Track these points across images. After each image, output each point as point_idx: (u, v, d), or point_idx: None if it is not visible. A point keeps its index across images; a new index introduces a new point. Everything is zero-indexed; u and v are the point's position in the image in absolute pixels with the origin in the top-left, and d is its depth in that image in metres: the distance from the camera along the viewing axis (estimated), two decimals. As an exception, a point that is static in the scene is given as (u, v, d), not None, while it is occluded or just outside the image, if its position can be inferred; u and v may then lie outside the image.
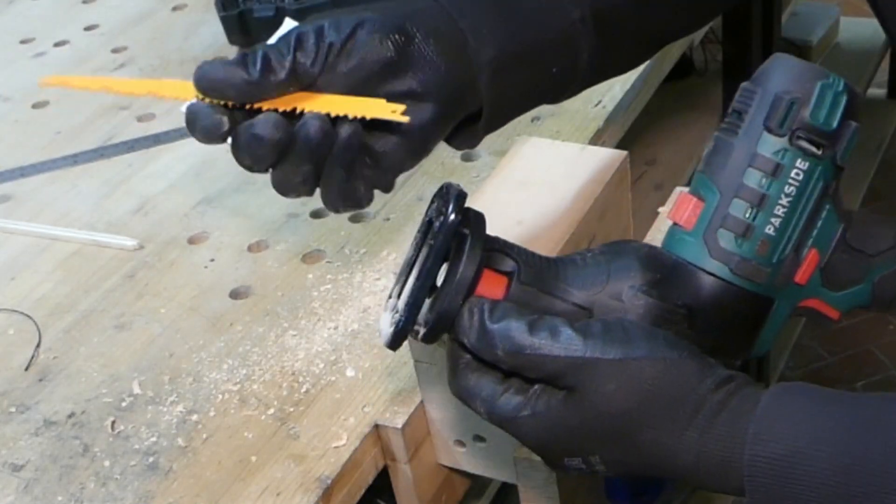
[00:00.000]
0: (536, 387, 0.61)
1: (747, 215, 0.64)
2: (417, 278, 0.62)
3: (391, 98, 0.65)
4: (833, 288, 0.68)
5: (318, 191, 0.67)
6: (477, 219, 0.63)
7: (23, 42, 1.55)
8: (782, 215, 0.64)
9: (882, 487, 0.55)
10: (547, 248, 0.86)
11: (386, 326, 0.63)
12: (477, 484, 0.97)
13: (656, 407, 0.59)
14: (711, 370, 0.61)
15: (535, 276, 0.64)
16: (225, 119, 0.64)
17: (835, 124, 0.64)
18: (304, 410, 0.87)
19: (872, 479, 0.56)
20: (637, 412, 0.59)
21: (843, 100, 0.64)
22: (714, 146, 0.67)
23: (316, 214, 1.10)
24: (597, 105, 1.17)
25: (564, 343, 0.60)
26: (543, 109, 1.17)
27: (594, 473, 0.63)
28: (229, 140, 0.65)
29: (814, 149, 0.64)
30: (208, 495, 0.82)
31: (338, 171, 0.65)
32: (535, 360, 0.60)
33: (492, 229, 0.89)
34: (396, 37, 0.65)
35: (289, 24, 1.34)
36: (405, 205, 1.08)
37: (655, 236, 1.00)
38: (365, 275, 1.00)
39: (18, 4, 1.66)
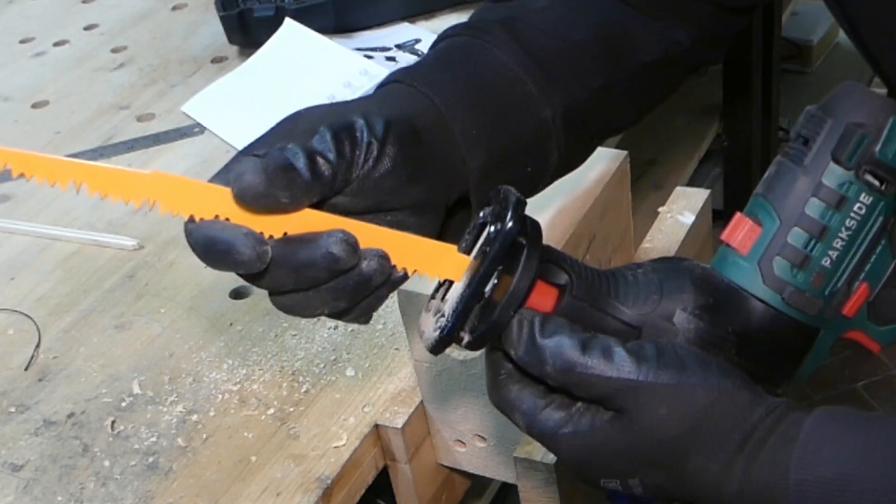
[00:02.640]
0: (580, 404, 0.60)
1: (806, 246, 0.63)
2: (468, 285, 0.60)
3: (401, 209, 0.60)
4: (878, 322, 0.68)
5: None
6: (534, 229, 0.61)
7: (23, 42, 1.55)
8: (840, 248, 0.63)
9: None
10: (547, 248, 0.86)
11: (429, 330, 0.61)
12: (477, 484, 0.97)
13: (707, 434, 0.59)
14: (762, 399, 0.60)
15: (586, 290, 0.62)
16: (268, 249, 0.55)
17: None
18: (304, 410, 0.87)
19: None
20: (686, 438, 0.59)
21: None
22: (777, 171, 0.65)
23: (316, 214, 1.10)
24: (597, 105, 1.16)
25: (617, 364, 0.59)
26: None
27: (631, 495, 0.62)
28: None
29: (878, 184, 0.63)
30: (208, 495, 0.82)
31: (370, 303, 0.61)
32: (586, 380, 0.59)
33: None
34: (413, 144, 0.61)
35: (289, 24, 1.34)
36: (405, 205, 1.08)
37: (655, 236, 1.00)
38: (365, 275, 1.00)
39: (18, 4, 1.66)
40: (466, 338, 0.60)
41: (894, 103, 0.64)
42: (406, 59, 1.32)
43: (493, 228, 0.60)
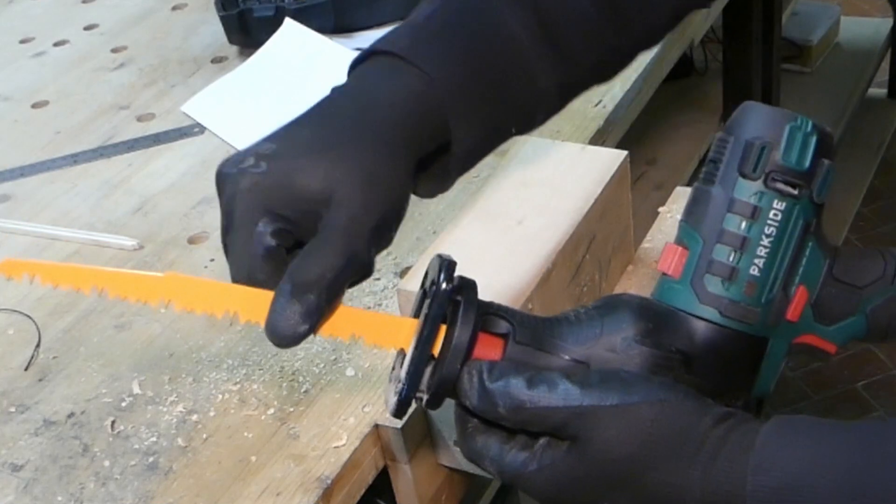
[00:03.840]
0: (542, 441, 0.62)
1: (731, 259, 0.65)
2: (416, 347, 0.63)
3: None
4: (826, 322, 0.69)
5: None
6: (468, 285, 0.64)
7: (23, 42, 1.55)
8: (765, 256, 0.65)
9: None
10: (547, 247, 0.86)
11: (391, 396, 0.65)
12: (477, 484, 0.97)
13: (659, 448, 0.60)
14: (709, 408, 0.61)
15: (530, 335, 0.65)
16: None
17: (807, 164, 0.65)
18: (304, 410, 0.87)
19: None
20: (640, 455, 0.60)
21: (813, 139, 0.65)
22: (693, 196, 0.68)
23: (316, 214, 1.10)
24: (597, 105, 1.17)
25: (562, 394, 0.61)
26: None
27: None
28: None
29: (790, 189, 0.65)
30: (208, 495, 0.82)
31: None
32: (535, 414, 0.61)
33: (492, 229, 0.89)
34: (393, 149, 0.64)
35: (289, 24, 1.34)
36: (405, 205, 1.08)
37: (655, 236, 1.00)
38: (365, 275, 1.00)
39: (18, 4, 1.66)
40: (424, 397, 0.64)
41: (788, 113, 0.66)
42: (406, 59, 1.32)
43: (430, 293, 0.64)
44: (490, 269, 0.84)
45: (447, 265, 0.64)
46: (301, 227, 0.62)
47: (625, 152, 0.95)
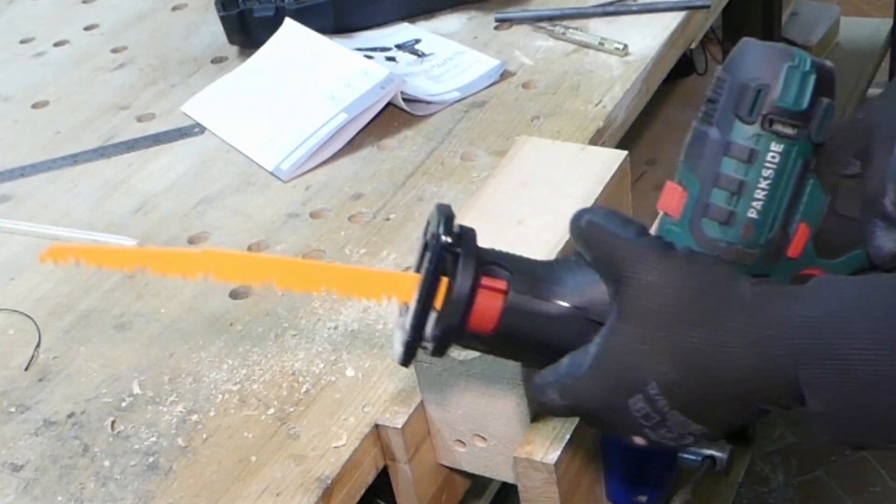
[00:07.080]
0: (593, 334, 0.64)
1: (728, 203, 0.65)
2: (418, 299, 0.65)
3: None
4: (829, 256, 0.69)
5: None
6: (468, 235, 0.66)
7: (23, 42, 1.55)
8: (763, 199, 0.65)
9: None
10: (547, 248, 0.86)
11: (398, 345, 0.67)
12: (477, 484, 0.97)
13: (699, 301, 0.61)
14: (744, 275, 0.62)
15: (529, 283, 0.66)
16: None
17: (805, 104, 0.64)
18: (304, 410, 0.87)
19: None
20: (680, 307, 0.61)
21: (812, 79, 0.64)
22: (692, 136, 0.68)
23: (315, 215, 1.10)
24: (597, 105, 1.16)
25: (621, 237, 0.63)
26: (543, 109, 1.17)
27: (662, 417, 0.62)
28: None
29: (787, 130, 0.64)
30: (208, 495, 0.82)
31: None
32: (605, 240, 0.64)
33: (492, 229, 0.89)
34: None
35: (289, 24, 1.34)
36: (405, 205, 1.08)
37: (655, 236, 1.00)
38: (365, 275, 1.00)
39: (18, 4, 1.66)
40: (430, 346, 0.66)
41: (786, 51, 0.65)
42: (406, 60, 1.32)
43: (430, 245, 0.66)
44: (490, 269, 0.84)
45: (445, 218, 0.65)
46: None
47: (625, 152, 0.95)
